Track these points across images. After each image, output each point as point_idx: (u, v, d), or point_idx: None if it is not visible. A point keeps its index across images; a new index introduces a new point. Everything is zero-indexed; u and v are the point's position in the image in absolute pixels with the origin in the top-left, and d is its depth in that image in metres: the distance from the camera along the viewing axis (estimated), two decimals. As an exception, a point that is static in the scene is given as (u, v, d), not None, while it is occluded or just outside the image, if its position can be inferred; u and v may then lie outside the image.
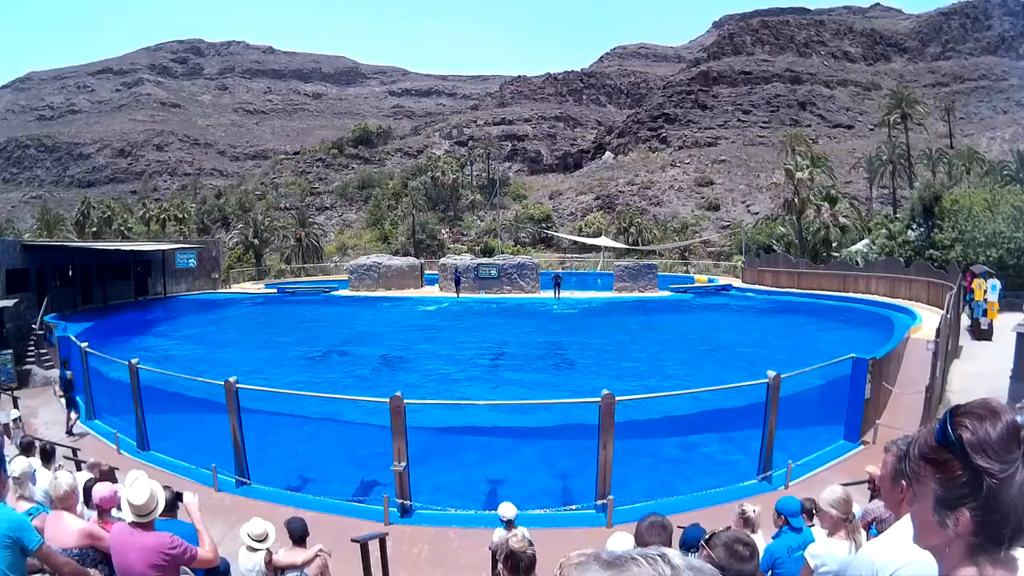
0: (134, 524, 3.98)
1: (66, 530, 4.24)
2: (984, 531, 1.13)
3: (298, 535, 5.53)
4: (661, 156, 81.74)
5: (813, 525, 5.39)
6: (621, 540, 4.23)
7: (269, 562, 5.32)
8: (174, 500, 4.80)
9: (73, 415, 13.51)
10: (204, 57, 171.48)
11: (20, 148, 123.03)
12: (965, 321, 20.50)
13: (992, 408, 1.15)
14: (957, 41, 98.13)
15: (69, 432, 13.06)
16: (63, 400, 14.02)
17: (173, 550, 3.94)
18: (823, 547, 3.63)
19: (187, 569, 4.65)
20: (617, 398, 8.46)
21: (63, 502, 4.42)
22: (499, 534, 6.16)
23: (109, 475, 6.92)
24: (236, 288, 41.53)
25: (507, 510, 6.16)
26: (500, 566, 3.70)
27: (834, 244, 41.57)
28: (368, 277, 37.85)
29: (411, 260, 42.07)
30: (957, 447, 1.14)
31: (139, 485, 4.03)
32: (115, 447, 11.53)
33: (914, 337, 16.99)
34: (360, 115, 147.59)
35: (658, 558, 0.87)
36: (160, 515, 4.33)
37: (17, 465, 5.23)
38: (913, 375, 12.76)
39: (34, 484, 5.62)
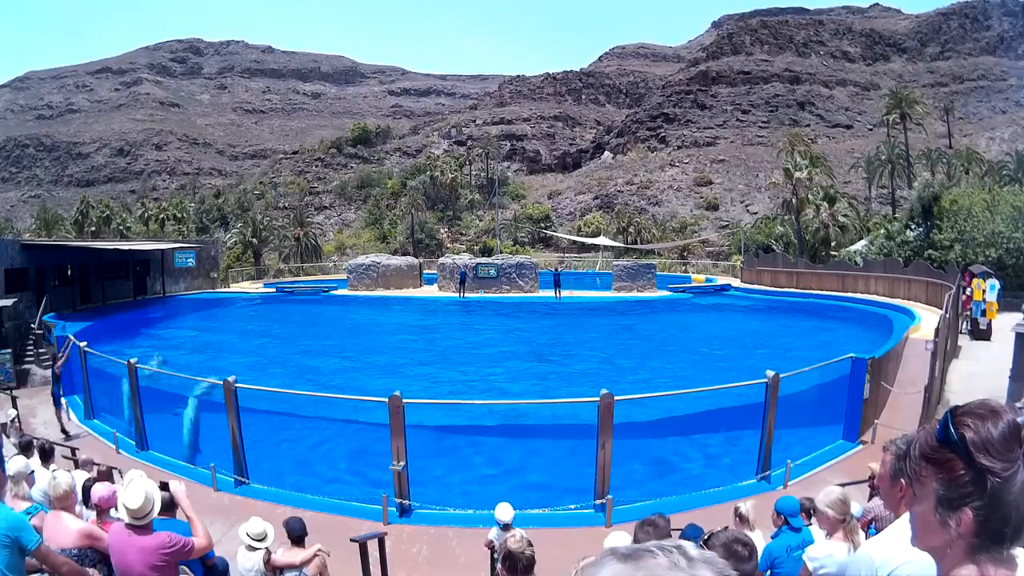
0: (131, 526, 3.97)
1: (65, 530, 4.24)
2: (986, 530, 1.13)
3: (296, 535, 5.52)
4: (660, 156, 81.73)
5: (812, 524, 5.39)
6: (618, 540, 4.22)
7: (268, 561, 5.31)
8: (171, 499, 4.77)
9: (62, 412, 13.61)
10: (203, 57, 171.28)
11: (19, 147, 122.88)
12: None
13: (992, 408, 1.16)
14: (956, 41, 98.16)
15: (64, 431, 13.09)
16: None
17: (172, 547, 3.97)
18: (821, 549, 3.63)
19: (186, 569, 4.65)
20: (616, 398, 8.47)
21: (62, 502, 4.42)
22: (494, 533, 6.12)
23: (106, 474, 6.91)
24: (235, 287, 41.49)
25: (504, 512, 5.94)
26: (499, 566, 3.69)
27: (833, 244, 41.60)
28: (367, 276, 37.82)
29: (410, 259, 42.05)
30: (960, 446, 1.14)
31: (134, 488, 4.00)
32: (114, 447, 11.51)
33: (913, 337, 17.00)
34: (359, 114, 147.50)
35: (674, 549, 0.87)
36: (159, 515, 4.33)
37: (13, 464, 5.22)
38: (912, 375, 12.78)
39: (33, 483, 5.62)
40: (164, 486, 4.77)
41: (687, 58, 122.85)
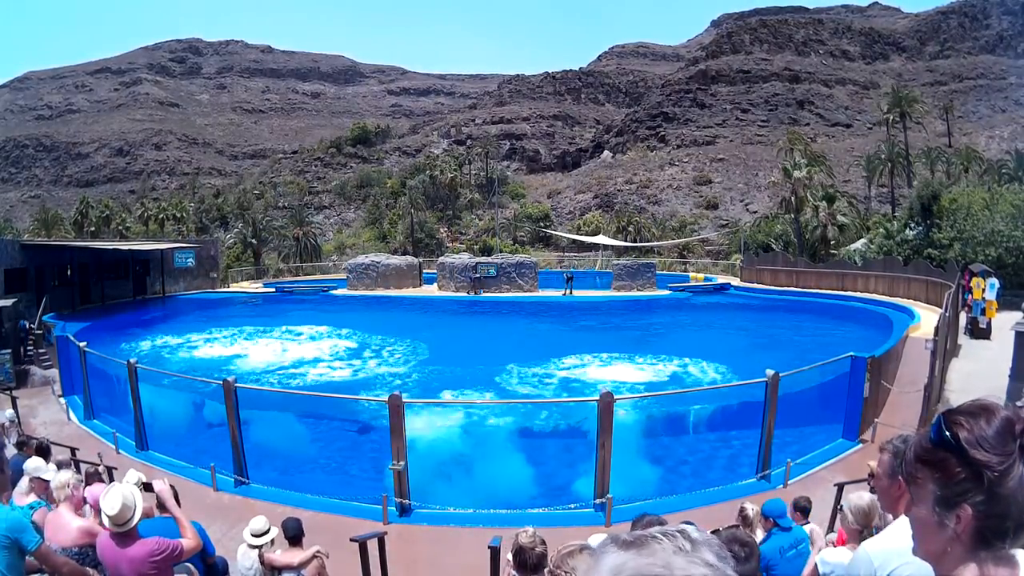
0: (115, 535, 3.86)
1: (65, 528, 4.24)
2: (987, 526, 1.15)
3: (292, 535, 5.49)
4: (659, 155, 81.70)
5: (808, 523, 5.39)
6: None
7: (263, 561, 5.29)
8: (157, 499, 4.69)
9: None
10: (202, 56, 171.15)
11: (18, 148, 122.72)
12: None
13: (983, 405, 1.19)
14: (956, 40, 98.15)
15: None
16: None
17: (161, 554, 3.89)
18: (835, 555, 3.60)
19: (191, 567, 4.64)
20: (616, 397, 8.47)
21: (60, 492, 4.43)
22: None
23: (95, 475, 6.90)
24: (234, 287, 41.48)
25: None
26: (508, 561, 3.67)
27: (832, 243, 41.58)
28: (367, 276, 37.81)
29: (409, 259, 42.01)
30: (954, 445, 1.16)
31: (112, 494, 3.84)
32: (114, 447, 11.51)
33: (913, 336, 17.01)
34: (358, 114, 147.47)
35: (677, 534, 0.86)
36: (159, 513, 4.30)
37: (30, 464, 5.30)
38: (912, 374, 12.78)
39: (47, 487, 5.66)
40: (148, 487, 4.69)
41: (686, 57, 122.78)
